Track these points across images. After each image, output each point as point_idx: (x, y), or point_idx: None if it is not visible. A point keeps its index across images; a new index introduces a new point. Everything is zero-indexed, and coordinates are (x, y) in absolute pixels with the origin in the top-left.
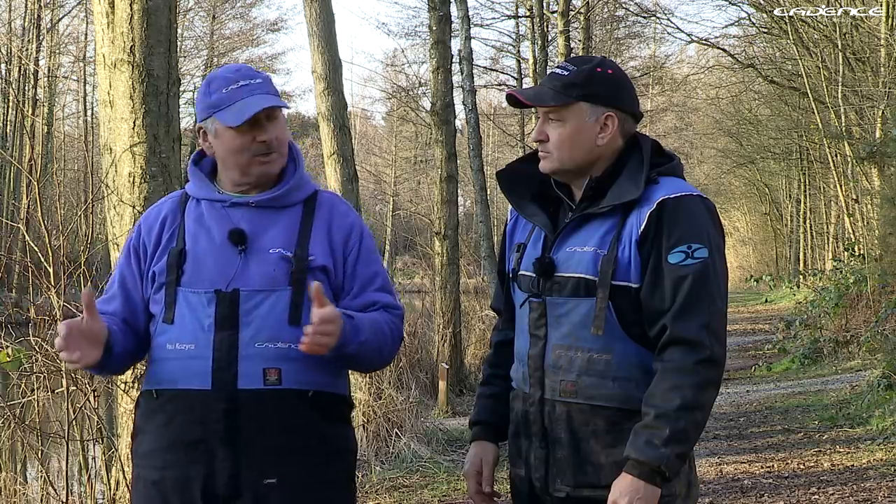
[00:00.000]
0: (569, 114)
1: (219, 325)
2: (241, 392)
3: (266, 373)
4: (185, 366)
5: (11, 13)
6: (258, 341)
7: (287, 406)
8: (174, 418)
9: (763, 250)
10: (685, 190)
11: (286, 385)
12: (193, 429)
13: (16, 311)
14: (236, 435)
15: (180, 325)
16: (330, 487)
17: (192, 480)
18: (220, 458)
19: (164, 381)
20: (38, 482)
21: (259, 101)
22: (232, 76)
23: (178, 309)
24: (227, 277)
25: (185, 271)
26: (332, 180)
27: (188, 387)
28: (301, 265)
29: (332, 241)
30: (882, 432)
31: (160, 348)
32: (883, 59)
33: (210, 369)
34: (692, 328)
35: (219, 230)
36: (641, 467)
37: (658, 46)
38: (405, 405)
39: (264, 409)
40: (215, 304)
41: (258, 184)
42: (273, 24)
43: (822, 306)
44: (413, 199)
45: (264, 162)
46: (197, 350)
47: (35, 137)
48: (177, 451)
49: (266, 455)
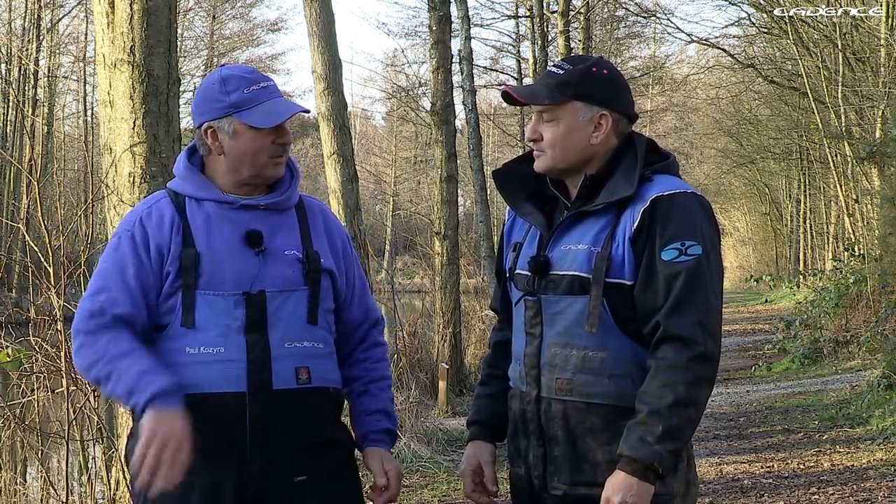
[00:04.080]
0: (563, 113)
1: (249, 327)
2: (277, 393)
3: (298, 372)
4: (214, 369)
5: (11, 13)
6: (287, 341)
7: (316, 404)
8: (203, 423)
9: (763, 250)
10: (679, 187)
11: (315, 383)
12: (225, 432)
13: (16, 311)
14: (270, 435)
15: (203, 329)
16: (351, 482)
17: (222, 484)
18: (253, 458)
19: (186, 385)
20: (38, 482)
21: (288, 105)
22: (250, 77)
23: (199, 312)
24: (250, 279)
25: (202, 274)
26: (332, 180)
27: (219, 390)
28: (314, 266)
29: (333, 246)
30: (882, 432)
31: (177, 352)
32: (883, 59)
33: (245, 372)
34: (685, 325)
35: (232, 232)
36: (635, 464)
37: (658, 46)
38: (405, 405)
39: (297, 408)
40: (244, 307)
41: (258, 185)
42: (273, 24)
43: (822, 306)
44: (413, 199)
45: (277, 164)
46: (227, 353)
47: (35, 137)
48: (206, 455)
49: (298, 453)
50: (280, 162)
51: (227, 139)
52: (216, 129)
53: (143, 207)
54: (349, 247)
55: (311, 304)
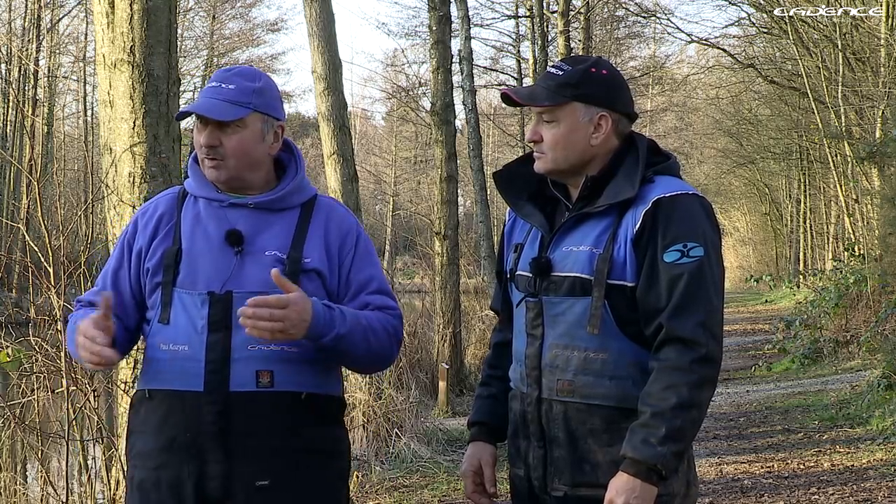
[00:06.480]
0: (562, 114)
1: (212, 327)
2: (233, 395)
3: (259, 375)
4: (178, 367)
5: (11, 13)
6: (251, 344)
7: (280, 408)
8: (168, 418)
9: (763, 250)
10: (681, 188)
11: (279, 387)
12: (186, 429)
13: (16, 311)
14: (228, 437)
15: (175, 326)
16: (323, 490)
17: (184, 480)
18: (213, 459)
19: (157, 380)
20: (38, 482)
21: (207, 105)
22: (219, 75)
23: (174, 309)
24: (221, 279)
25: (181, 271)
26: (332, 180)
27: (181, 388)
28: (294, 267)
29: (328, 246)
30: (882, 432)
31: (154, 348)
32: (883, 59)
33: (203, 371)
34: (688, 326)
35: (216, 230)
36: (638, 466)
37: (658, 46)
38: (405, 405)
39: (257, 412)
40: (208, 306)
41: (241, 186)
42: (273, 24)
43: (822, 306)
44: (413, 199)
45: (209, 166)
46: (190, 351)
47: (35, 137)
48: (171, 451)
49: (259, 457)
50: (211, 166)
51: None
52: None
53: (147, 203)
54: (354, 241)
55: None
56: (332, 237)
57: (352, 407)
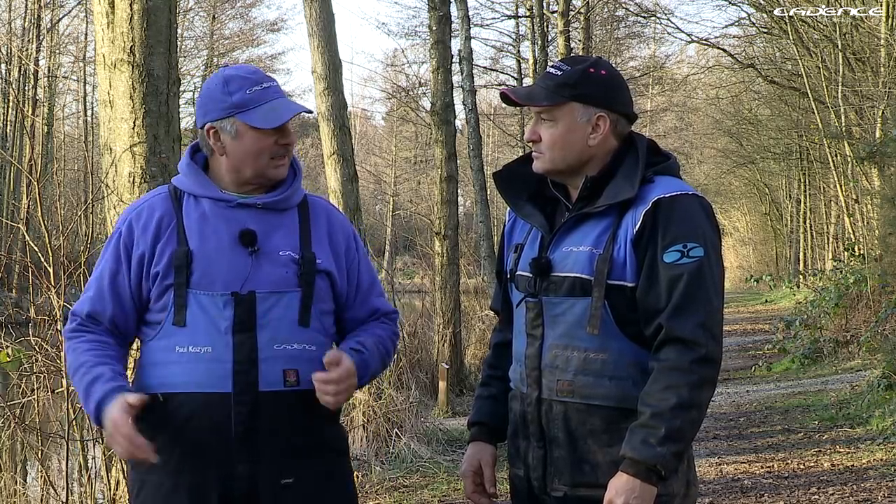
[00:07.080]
0: (560, 114)
1: (237, 327)
2: (262, 394)
3: (286, 374)
4: (201, 369)
5: (11, 13)
6: (276, 343)
7: (304, 407)
8: (190, 421)
9: (763, 250)
10: (680, 189)
11: (303, 386)
12: (211, 432)
13: (16, 311)
14: (255, 436)
15: (193, 328)
16: (339, 484)
17: (208, 484)
18: (239, 460)
19: (174, 384)
20: (38, 482)
21: (290, 105)
22: (252, 77)
23: (190, 311)
24: (241, 279)
25: (194, 272)
26: (332, 180)
27: (206, 390)
28: (309, 267)
29: (334, 248)
30: (882, 432)
31: (167, 351)
32: (883, 59)
33: (231, 372)
34: (688, 327)
35: (227, 231)
36: (638, 466)
37: (658, 46)
38: (405, 405)
39: (284, 411)
40: (233, 307)
41: (260, 185)
42: (273, 24)
43: (822, 306)
44: (413, 199)
45: (279, 165)
46: (215, 353)
47: (35, 137)
48: (192, 455)
49: (284, 455)
50: (282, 163)
51: (229, 140)
52: (218, 130)
53: (137, 205)
54: (355, 245)
55: (304, 306)
56: (338, 239)
57: (352, 407)
